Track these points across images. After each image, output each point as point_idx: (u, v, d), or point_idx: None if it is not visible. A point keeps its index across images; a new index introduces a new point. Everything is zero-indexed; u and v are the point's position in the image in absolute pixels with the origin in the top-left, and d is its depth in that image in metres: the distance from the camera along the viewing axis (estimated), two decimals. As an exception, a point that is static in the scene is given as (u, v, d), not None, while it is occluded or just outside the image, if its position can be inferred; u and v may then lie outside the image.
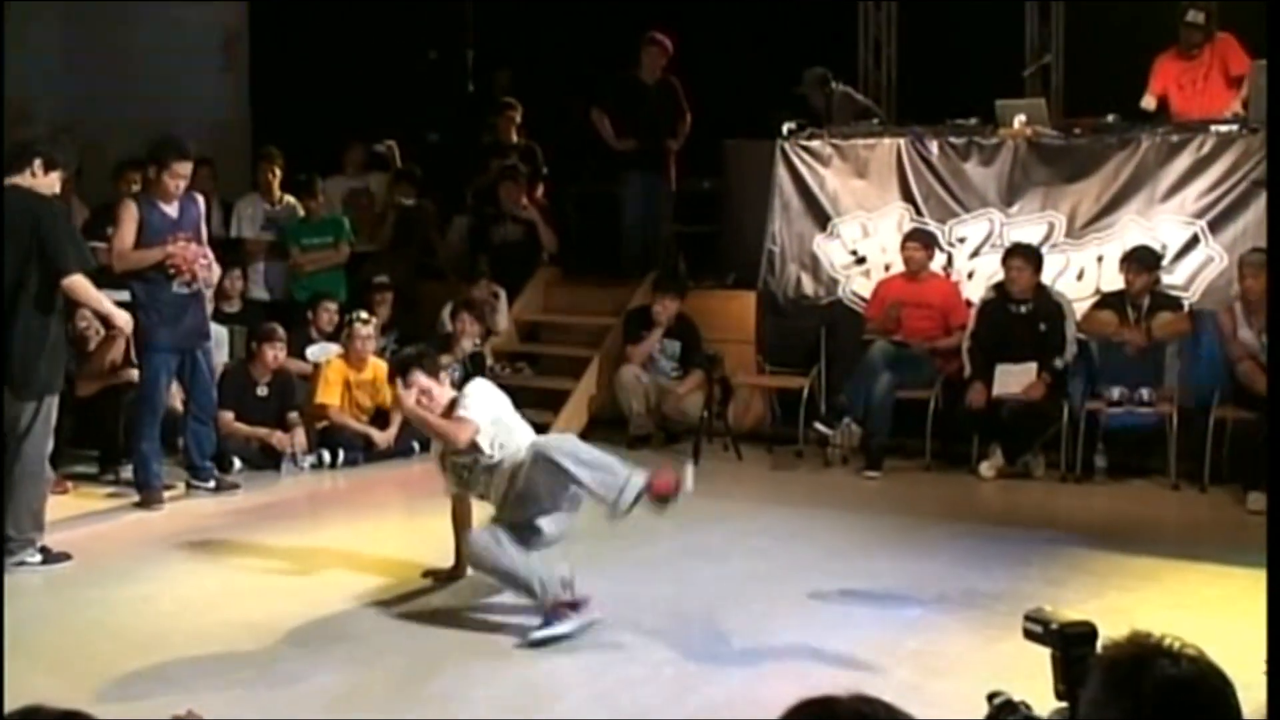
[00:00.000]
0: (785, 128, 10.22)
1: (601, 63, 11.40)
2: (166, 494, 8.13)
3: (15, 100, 10.36)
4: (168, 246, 7.93)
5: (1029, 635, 2.50)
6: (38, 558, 6.71)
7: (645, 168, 10.99)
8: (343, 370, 9.41)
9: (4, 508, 6.61)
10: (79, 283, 6.79)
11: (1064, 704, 2.39)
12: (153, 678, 5.11)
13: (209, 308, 8.77)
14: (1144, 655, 1.98)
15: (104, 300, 7.11)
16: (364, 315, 9.52)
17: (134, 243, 7.92)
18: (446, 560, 6.48)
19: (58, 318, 6.83)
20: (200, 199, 8.30)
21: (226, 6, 13.97)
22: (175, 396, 8.45)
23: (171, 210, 8.00)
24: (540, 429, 6.76)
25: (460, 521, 6.41)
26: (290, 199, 11.04)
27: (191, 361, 8.20)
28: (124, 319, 7.33)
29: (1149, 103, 9.67)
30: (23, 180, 6.71)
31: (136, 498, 8.10)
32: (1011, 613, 4.11)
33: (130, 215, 7.94)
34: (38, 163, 6.76)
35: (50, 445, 6.84)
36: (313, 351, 9.76)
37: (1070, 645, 2.41)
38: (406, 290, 10.96)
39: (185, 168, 7.96)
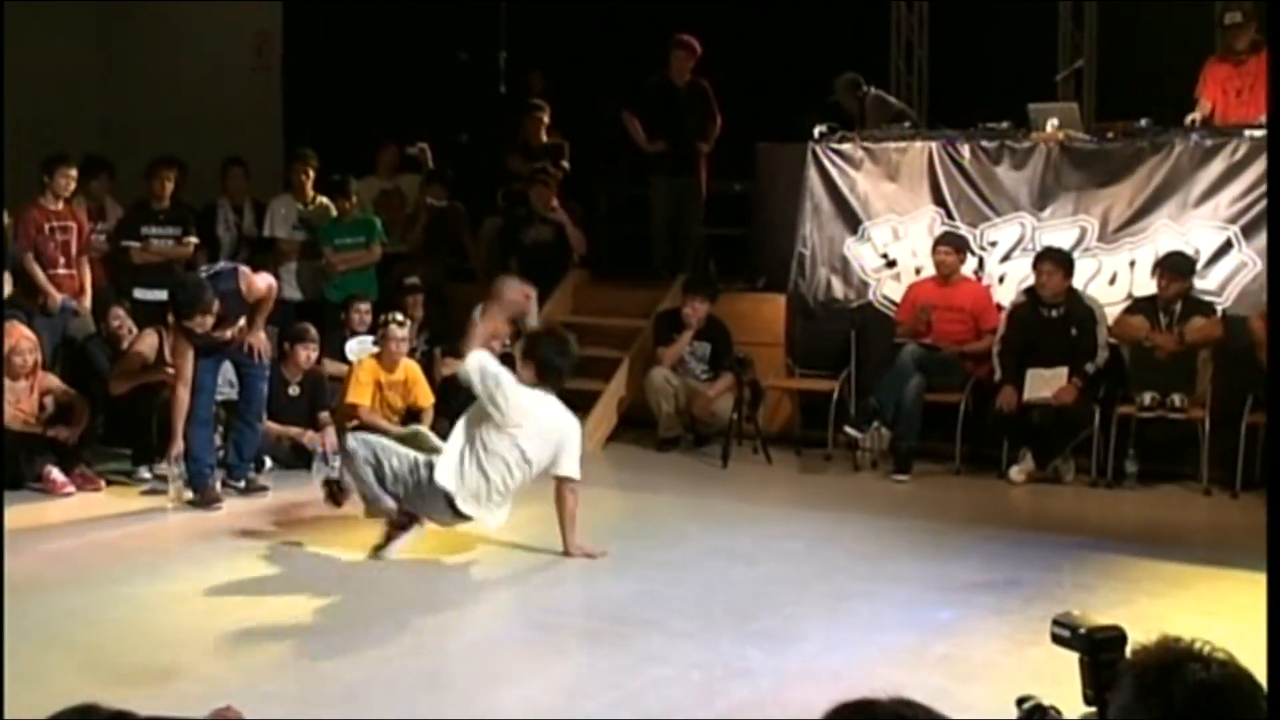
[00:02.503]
0: (816, 130, 10.20)
1: (634, 65, 11.41)
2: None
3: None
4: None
5: (1057, 640, 2.49)
6: None
7: (676, 170, 10.98)
8: (374, 371, 9.43)
9: None
10: None
11: (1093, 709, 2.38)
12: (184, 675, 5.15)
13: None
14: (1174, 660, 1.97)
15: None
16: (399, 317, 9.53)
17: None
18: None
19: None
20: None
21: (260, 7, 14.05)
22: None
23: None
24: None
25: None
26: (323, 199, 11.07)
27: (242, 365, 8.29)
28: None
29: (1205, 107, 9.37)
30: None
31: (167, 495, 8.12)
32: (1041, 618, 4.09)
33: None
34: None
35: None
36: (352, 347, 9.80)
37: (1099, 650, 2.40)
38: (438, 291, 10.97)
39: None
